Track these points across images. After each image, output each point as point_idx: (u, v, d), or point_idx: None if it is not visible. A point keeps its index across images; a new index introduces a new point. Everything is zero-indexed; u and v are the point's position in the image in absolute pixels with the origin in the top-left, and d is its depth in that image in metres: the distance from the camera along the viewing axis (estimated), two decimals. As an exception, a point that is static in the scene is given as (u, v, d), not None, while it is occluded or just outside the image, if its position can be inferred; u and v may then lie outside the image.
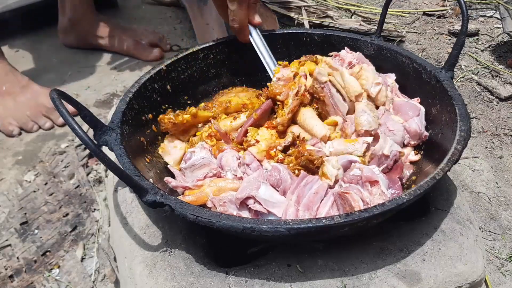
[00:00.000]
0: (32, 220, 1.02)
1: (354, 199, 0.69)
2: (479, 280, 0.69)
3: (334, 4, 1.91)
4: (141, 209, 0.80)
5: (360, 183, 0.73)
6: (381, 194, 0.70)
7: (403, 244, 0.70)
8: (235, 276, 0.66)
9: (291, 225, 0.58)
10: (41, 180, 1.13)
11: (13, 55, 1.73)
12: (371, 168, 0.74)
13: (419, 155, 0.85)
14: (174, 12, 2.05)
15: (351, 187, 0.72)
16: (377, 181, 0.71)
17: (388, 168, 0.81)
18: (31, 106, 1.32)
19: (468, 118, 0.75)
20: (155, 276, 0.67)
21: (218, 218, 0.60)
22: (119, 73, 1.60)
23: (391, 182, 0.75)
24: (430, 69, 0.87)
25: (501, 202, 1.05)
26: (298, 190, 0.73)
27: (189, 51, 1.01)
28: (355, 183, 0.73)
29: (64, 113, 0.58)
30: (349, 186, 0.72)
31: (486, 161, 1.16)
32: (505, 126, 1.27)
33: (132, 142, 0.80)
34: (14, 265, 0.93)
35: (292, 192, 0.73)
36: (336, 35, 1.05)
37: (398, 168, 0.81)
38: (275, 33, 1.07)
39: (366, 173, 0.72)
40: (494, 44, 1.63)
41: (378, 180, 0.71)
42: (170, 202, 0.63)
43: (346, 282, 0.65)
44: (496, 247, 0.95)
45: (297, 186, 0.74)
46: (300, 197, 0.73)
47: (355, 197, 0.69)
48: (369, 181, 0.72)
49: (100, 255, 0.93)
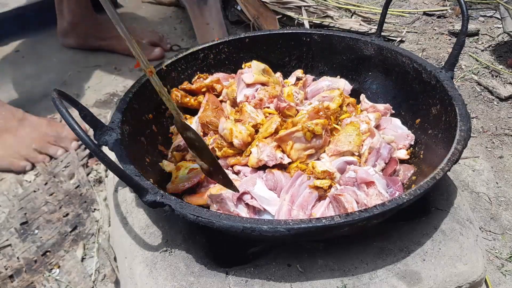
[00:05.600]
0: (32, 220, 1.02)
1: (348, 200, 0.69)
2: (479, 280, 0.69)
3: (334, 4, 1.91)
4: (141, 209, 0.80)
5: (356, 184, 0.73)
6: (378, 195, 0.70)
7: (403, 244, 0.70)
8: (235, 276, 0.66)
9: (291, 225, 0.58)
10: (41, 180, 1.13)
11: (13, 55, 1.73)
12: (366, 169, 0.74)
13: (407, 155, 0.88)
14: (174, 12, 2.05)
15: (346, 189, 0.72)
16: (373, 182, 0.71)
17: (385, 163, 0.82)
18: (35, 138, 1.21)
19: (468, 118, 0.75)
20: (155, 276, 0.67)
21: (218, 218, 0.60)
22: (119, 73, 1.60)
23: (391, 182, 0.76)
24: (430, 69, 0.87)
25: (501, 202, 1.05)
26: (293, 190, 0.73)
27: (189, 51, 1.01)
28: (351, 185, 0.73)
29: (64, 113, 0.58)
30: (344, 188, 0.72)
31: (486, 161, 1.16)
32: (505, 126, 1.27)
33: (132, 142, 0.80)
34: (14, 265, 0.93)
35: (286, 191, 0.73)
36: (336, 35, 1.05)
37: (392, 162, 0.83)
38: (275, 33, 1.07)
39: (361, 174, 0.72)
40: (494, 44, 1.63)
41: (373, 180, 0.71)
42: (170, 202, 0.63)
43: (346, 282, 0.65)
44: (496, 247, 0.95)
45: (291, 185, 0.74)
46: (295, 196, 0.73)
47: (349, 198, 0.69)
48: (364, 182, 0.72)
49: (100, 255, 0.93)
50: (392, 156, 0.85)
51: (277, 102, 0.89)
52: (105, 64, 1.65)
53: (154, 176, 0.78)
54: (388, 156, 0.83)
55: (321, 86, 1.01)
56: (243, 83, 0.92)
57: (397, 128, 0.91)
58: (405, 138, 0.89)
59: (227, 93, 0.95)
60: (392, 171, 0.82)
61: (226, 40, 1.05)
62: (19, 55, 1.73)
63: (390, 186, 0.75)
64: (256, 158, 0.79)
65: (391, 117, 0.95)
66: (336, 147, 0.81)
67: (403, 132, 0.90)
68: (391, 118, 0.94)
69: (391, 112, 0.97)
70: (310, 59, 1.10)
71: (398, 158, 0.86)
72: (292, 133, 0.79)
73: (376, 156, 0.81)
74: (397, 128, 0.91)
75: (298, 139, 0.79)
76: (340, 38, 1.04)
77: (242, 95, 0.91)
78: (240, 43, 1.05)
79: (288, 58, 1.10)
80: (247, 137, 0.82)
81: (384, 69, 1.00)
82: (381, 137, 0.84)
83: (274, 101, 0.88)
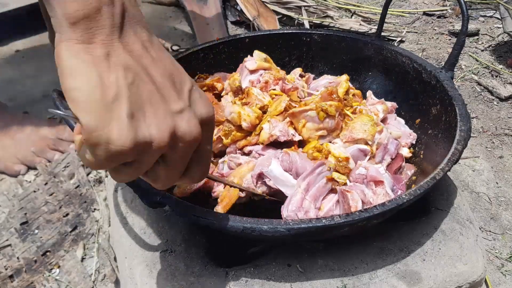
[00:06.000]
0: (32, 220, 1.02)
1: (354, 199, 0.68)
2: (479, 280, 0.69)
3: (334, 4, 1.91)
4: (141, 209, 0.80)
5: (365, 182, 0.73)
6: (385, 195, 0.70)
7: (403, 244, 0.70)
8: (235, 276, 0.66)
9: (291, 225, 0.59)
10: (41, 180, 1.13)
11: (13, 55, 1.73)
12: (377, 168, 0.74)
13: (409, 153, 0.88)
14: (174, 12, 2.05)
15: (355, 186, 0.71)
16: (382, 181, 0.71)
17: (391, 159, 0.83)
18: (35, 141, 1.19)
19: (468, 118, 0.75)
20: (155, 276, 0.67)
21: (218, 218, 0.60)
22: (119, 73, 1.60)
23: (395, 180, 0.75)
24: (430, 69, 0.87)
25: (501, 202, 1.05)
26: (311, 177, 0.73)
27: (189, 51, 1.01)
28: (360, 182, 0.73)
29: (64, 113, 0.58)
30: (354, 185, 0.72)
31: (486, 161, 1.16)
32: (505, 126, 1.27)
33: (132, 142, 0.80)
34: (14, 265, 0.93)
35: (304, 178, 0.73)
36: (336, 35, 1.05)
37: (398, 158, 0.83)
38: (275, 33, 1.07)
39: (371, 172, 0.72)
40: (494, 44, 1.63)
41: (383, 180, 0.71)
42: (170, 202, 0.63)
43: (346, 282, 0.65)
44: (496, 247, 0.95)
45: (311, 172, 0.73)
46: (310, 185, 0.72)
47: (356, 197, 0.69)
48: (374, 180, 0.72)
49: (100, 255, 0.93)
50: (399, 152, 0.84)
51: (282, 84, 0.90)
52: (105, 64, 1.65)
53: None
54: (395, 151, 0.83)
55: (322, 84, 1.02)
56: (246, 71, 0.94)
57: (400, 126, 0.92)
58: (407, 136, 0.89)
59: (229, 83, 0.95)
60: (398, 167, 0.82)
61: (226, 40, 1.05)
62: (19, 55, 1.73)
63: (394, 185, 0.75)
64: (268, 133, 0.80)
65: (395, 115, 0.95)
66: (351, 134, 0.80)
67: (406, 131, 0.90)
68: (395, 115, 0.95)
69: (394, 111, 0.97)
70: (310, 59, 1.10)
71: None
72: (306, 111, 0.80)
73: (384, 151, 0.81)
74: (401, 126, 0.92)
75: (311, 118, 0.80)
76: (340, 38, 1.04)
77: (247, 81, 0.93)
78: (240, 43, 1.05)
79: (288, 58, 1.10)
80: (255, 119, 0.83)
81: (384, 69, 1.00)
82: (389, 132, 0.84)
83: (279, 83, 0.90)
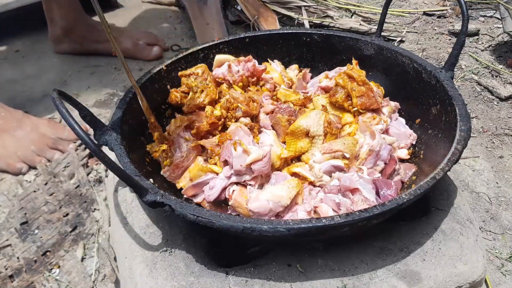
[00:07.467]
0: (32, 220, 1.02)
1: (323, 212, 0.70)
2: (479, 280, 0.69)
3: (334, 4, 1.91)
4: (141, 209, 0.80)
5: (341, 192, 0.73)
6: (364, 200, 0.70)
7: (403, 244, 0.70)
8: (235, 276, 0.66)
9: (291, 225, 0.59)
10: (41, 180, 1.13)
11: (13, 55, 1.73)
12: (349, 176, 0.73)
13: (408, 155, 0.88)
14: (174, 12, 2.05)
15: (326, 198, 0.72)
16: (357, 189, 0.71)
17: (385, 163, 0.82)
18: (35, 140, 1.20)
19: (468, 118, 0.75)
20: (155, 276, 0.67)
21: (218, 218, 0.60)
22: (119, 73, 1.60)
23: (384, 185, 0.75)
24: (430, 69, 0.87)
25: (501, 202, 1.05)
26: None
27: (189, 51, 1.01)
28: (335, 192, 0.73)
29: (64, 113, 0.58)
30: (325, 197, 0.73)
31: (486, 161, 1.16)
32: (505, 126, 1.27)
33: (132, 142, 0.80)
34: (14, 265, 0.93)
35: None
36: (336, 35, 1.05)
37: (391, 162, 0.83)
38: (275, 33, 1.07)
39: (344, 182, 0.72)
40: (494, 44, 1.63)
41: (357, 187, 0.71)
42: (170, 202, 0.63)
43: (346, 282, 0.65)
44: (496, 247, 0.95)
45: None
46: None
47: (324, 210, 0.70)
48: (348, 189, 0.72)
49: (100, 255, 0.93)
50: (392, 155, 0.84)
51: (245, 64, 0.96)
52: (105, 64, 1.65)
53: (154, 176, 0.78)
54: (387, 156, 0.83)
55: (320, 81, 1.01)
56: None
57: (400, 126, 0.91)
58: (407, 137, 0.89)
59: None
60: (392, 171, 0.82)
61: (226, 40, 1.05)
62: (19, 55, 1.73)
63: (383, 189, 0.74)
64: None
65: (397, 114, 0.95)
66: (329, 146, 0.81)
67: (406, 131, 0.90)
68: (396, 115, 0.94)
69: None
70: (310, 59, 1.10)
71: (398, 158, 0.86)
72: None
73: (376, 158, 0.81)
74: (401, 126, 0.91)
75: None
76: (340, 38, 1.04)
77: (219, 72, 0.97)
78: (240, 43, 1.05)
79: (288, 58, 1.10)
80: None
81: (384, 69, 1.00)
82: (382, 139, 0.84)
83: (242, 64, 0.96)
